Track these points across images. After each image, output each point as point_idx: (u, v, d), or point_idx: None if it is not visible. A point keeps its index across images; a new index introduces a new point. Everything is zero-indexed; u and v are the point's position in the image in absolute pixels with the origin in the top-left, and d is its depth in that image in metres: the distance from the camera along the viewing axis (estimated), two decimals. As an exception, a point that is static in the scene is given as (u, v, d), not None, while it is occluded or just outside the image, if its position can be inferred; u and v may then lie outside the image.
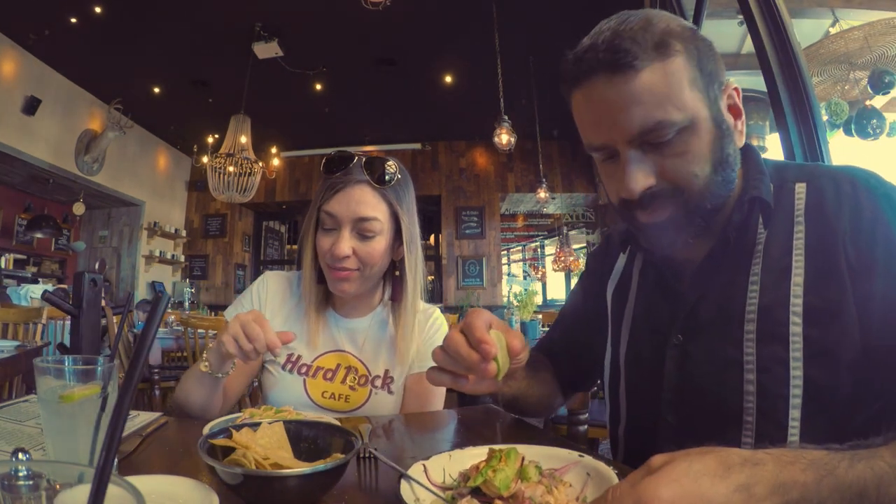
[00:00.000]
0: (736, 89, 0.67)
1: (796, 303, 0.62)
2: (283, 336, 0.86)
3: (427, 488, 0.54)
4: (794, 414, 0.61)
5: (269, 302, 1.13)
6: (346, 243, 0.99)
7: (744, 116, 0.69)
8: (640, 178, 0.63)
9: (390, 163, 1.02)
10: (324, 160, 1.03)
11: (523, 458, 0.55)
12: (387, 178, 1.01)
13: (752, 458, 0.42)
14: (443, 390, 1.15)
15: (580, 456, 0.59)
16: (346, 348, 1.11)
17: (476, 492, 0.52)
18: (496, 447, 0.56)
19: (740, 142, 0.68)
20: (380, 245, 1.03)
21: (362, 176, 1.01)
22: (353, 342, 1.12)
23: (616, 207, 0.70)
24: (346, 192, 1.00)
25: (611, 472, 0.54)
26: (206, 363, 0.91)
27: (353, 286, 1.04)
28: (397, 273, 1.11)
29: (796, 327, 0.62)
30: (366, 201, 1.00)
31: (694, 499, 0.39)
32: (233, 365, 0.93)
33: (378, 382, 1.09)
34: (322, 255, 1.03)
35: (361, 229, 1.00)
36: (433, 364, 0.67)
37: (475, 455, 0.59)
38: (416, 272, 1.09)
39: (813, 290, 0.62)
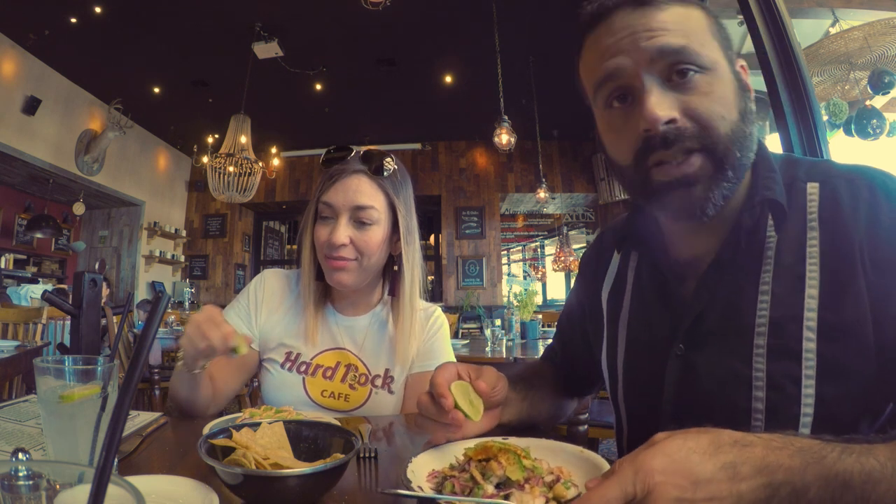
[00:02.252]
0: (743, 67, 0.65)
1: (810, 317, 0.59)
2: (245, 337, 0.87)
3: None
4: (804, 432, 0.57)
5: (266, 300, 1.13)
6: (344, 230, 1.00)
7: (753, 94, 0.65)
8: (665, 106, 0.58)
9: (388, 158, 1.04)
10: (323, 154, 1.05)
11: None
12: (384, 169, 1.03)
13: (742, 439, 0.44)
14: None
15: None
16: (345, 346, 1.10)
17: (498, 487, 0.54)
18: (483, 443, 0.58)
19: None
20: (377, 235, 1.03)
21: (360, 166, 1.02)
22: (352, 340, 1.11)
23: (630, 164, 0.62)
24: (344, 182, 1.01)
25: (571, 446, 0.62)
26: (181, 361, 0.92)
27: (350, 277, 1.04)
28: (396, 268, 1.11)
29: (810, 343, 0.58)
30: (363, 190, 1.01)
31: (683, 473, 0.42)
32: (204, 363, 0.92)
33: (378, 382, 1.09)
34: (320, 245, 1.03)
35: (359, 217, 1.01)
36: (434, 363, 0.69)
37: (440, 457, 0.62)
38: (413, 266, 1.09)
39: (828, 305, 0.58)
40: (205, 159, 5.08)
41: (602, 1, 0.62)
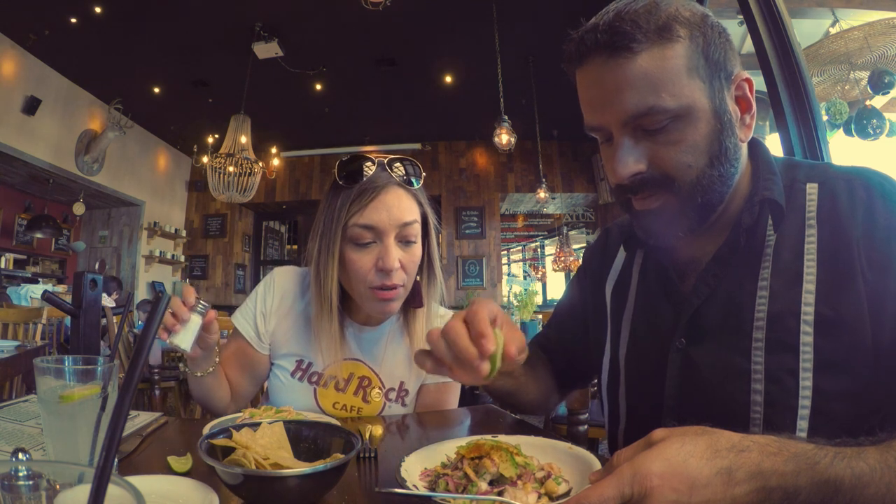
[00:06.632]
0: (748, 80, 0.65)
1: (807, 311, 0.60)
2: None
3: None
4: (802, 424, 0.59)
5: (277, 305, 1.05)
6: (395, 252, 0.90)
7: (754, 109, 0.66)
8: (630, 164, 0.62)
9: (415, 164, 0.96)
10: (338, 165, 0.92)
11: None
12: (419, 178, 0.94)
13: (739, 444, 0.45)
14: (455, 401, 1.12)
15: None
16: (360, 357, 1.06)
17: (491, 484, 0.54)
18: (475, 441, 0.58)
19: (746, 135, 0.66)
20: (418, 252, 0.95)
21: (391, 178, 0.91)
22: (368, 352, 1.06)
23: (614, 191, 0.70)
24: (382, 198, 0.89)
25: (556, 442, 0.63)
26: (184, 365, 0.94)
27: (398, 304, 0.96)
28: (418, 278, 1.03)
29: (807, 337, 0.60)
30: (404, 206, 0.91)
31: (681, 477, 0.43)
32: (211, 367, 0.94)
33: (392, 395, 1.06)
34: (362, 275, 0.91)
35: (405, 236, 0.92)
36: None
37: (429, 457, 0.62)
38: (439, 272, 1.04)
39: (825, 300, 0.60)
40: (205, 159, 5.07)
41: (578, 45, 0.63)
